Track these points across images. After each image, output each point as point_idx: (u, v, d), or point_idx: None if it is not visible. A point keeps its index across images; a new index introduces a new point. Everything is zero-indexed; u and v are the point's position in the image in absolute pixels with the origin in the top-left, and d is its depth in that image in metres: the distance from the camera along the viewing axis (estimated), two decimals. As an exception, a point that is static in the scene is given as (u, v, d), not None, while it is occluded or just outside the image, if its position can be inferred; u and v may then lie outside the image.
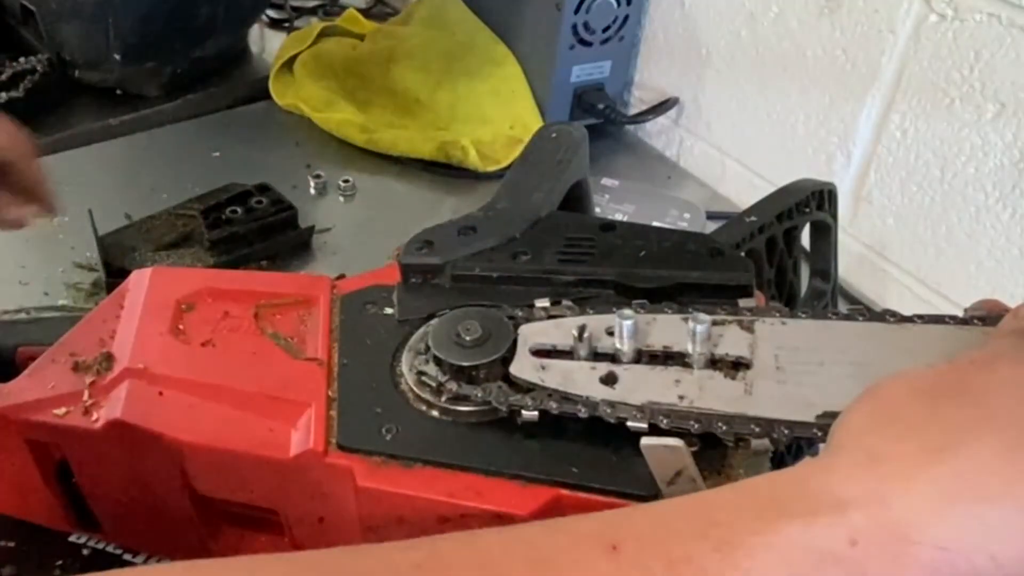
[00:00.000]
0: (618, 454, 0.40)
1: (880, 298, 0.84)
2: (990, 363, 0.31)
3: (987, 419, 0.29)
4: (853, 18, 0.79)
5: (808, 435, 0.37)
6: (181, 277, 0.52)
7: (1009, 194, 0.71)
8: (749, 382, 0.39)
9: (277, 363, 0.46)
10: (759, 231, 0.56)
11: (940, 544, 0.27)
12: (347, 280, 0.52)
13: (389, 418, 0.43)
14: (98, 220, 0.77)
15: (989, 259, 0.74)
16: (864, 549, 0.27)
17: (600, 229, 0.51)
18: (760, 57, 0.89)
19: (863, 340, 0.40)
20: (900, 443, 0.29)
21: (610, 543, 0.29)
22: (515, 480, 0.40)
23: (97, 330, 0.49)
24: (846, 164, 0.83)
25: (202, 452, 0.44)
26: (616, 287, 0.48)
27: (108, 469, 0.47)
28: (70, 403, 0.46)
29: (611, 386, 0.41)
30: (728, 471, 0.39)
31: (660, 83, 1.03)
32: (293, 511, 0.45)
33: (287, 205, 0.83)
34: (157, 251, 0.79)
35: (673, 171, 1.01)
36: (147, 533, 0.50)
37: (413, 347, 0.46)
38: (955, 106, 0.72)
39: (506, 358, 0.43)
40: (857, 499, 0.28)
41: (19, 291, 0.76)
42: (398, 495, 0.40)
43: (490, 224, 0.52)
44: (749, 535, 0.28)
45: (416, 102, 1.01)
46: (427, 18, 1.08)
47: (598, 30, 0.95)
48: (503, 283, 0.49)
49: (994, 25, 0.68)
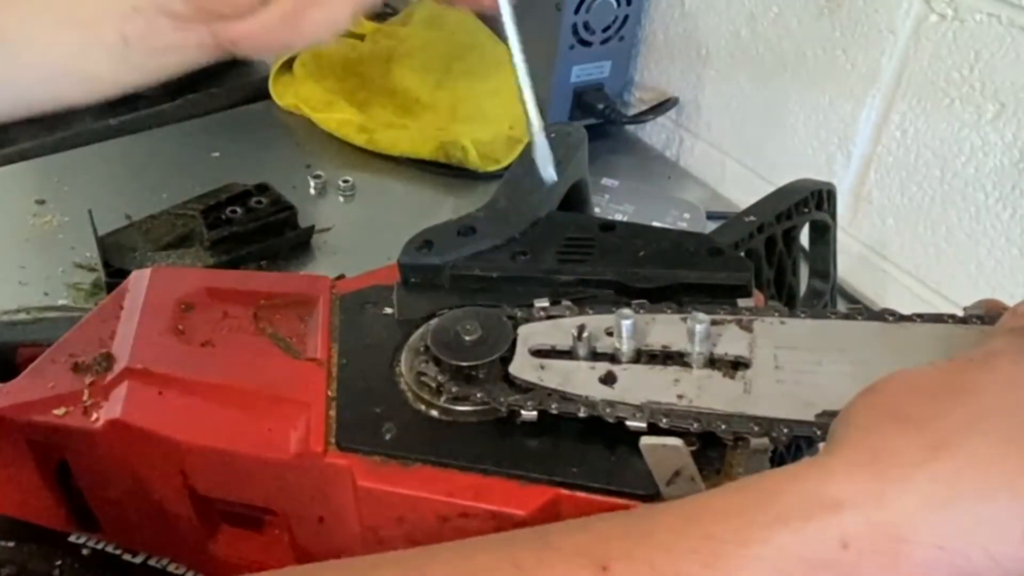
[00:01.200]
0: (617, 454, 0.40)
1: (880, 298, 0.84)
2: (989, 361, 0.31)
3: (986, 416, 0.29)
4: (853, 18, 0.79)
5: (807, 434, 0.37)
6: (181, 277, 0.52)
7: (1009, 194, 0.71)
8: (748, 381, 0.39)
9: (277, 363, 0.46)
10: (758, 231, 0.56)
11: (937, 543, 0.27)
12: (347, 280, 0.52)
13: (388, 418, 0.43)
14: (98, 220, 0.77)
15: (989, 259, 0.74)
16: (856, 551, 0.27)
17: (600, 229, 0.51)
18: (760, 57, 0.89)
19: (862, 339, 0.40)
20: (899, 441, 0.29)
21: (600, 563, 0.29)
22: (514, 480, 0.40)
23: (97, 330, 0.49)
24: (846, 164, 0.83)
25: (202, 452, 0.44)
26: (615, 287, 0.48)
27: (108, 469, 0.47)
28: (70, 403, 0.46)
29: (610, 386, 0.41)
30: (727, 470, 0.39)
31: (660, 83, 1.03)
32: (293, 511, 0.45)
33: (287, 205, 0.83)
34: (157, 251, 0.79)
35: (673, 171, 1.01)
36: (147, 533, 0.50)
37: (412, 347, 0.46)
38: (955, 106, 0.72)
39: (505, 358, 0.43)
40: (852, 498, 0.28)
41: (19, 291, 0.76)
42: (397, 495, 0.40)
43: (490, 224, 0.52)
44: (739, 546, 0.28)
45: (416, 102, 1.01)
46: (427, 18, 1.08)
47: (598, 30, 0.95)
48: (503, 283, 0.49)
49: (994, 25, 0.68)
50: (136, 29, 0.42)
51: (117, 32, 0.42)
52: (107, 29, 0.42)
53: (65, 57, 0.43)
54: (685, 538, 0.29)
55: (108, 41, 0.42)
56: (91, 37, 0.42)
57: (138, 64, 0.44)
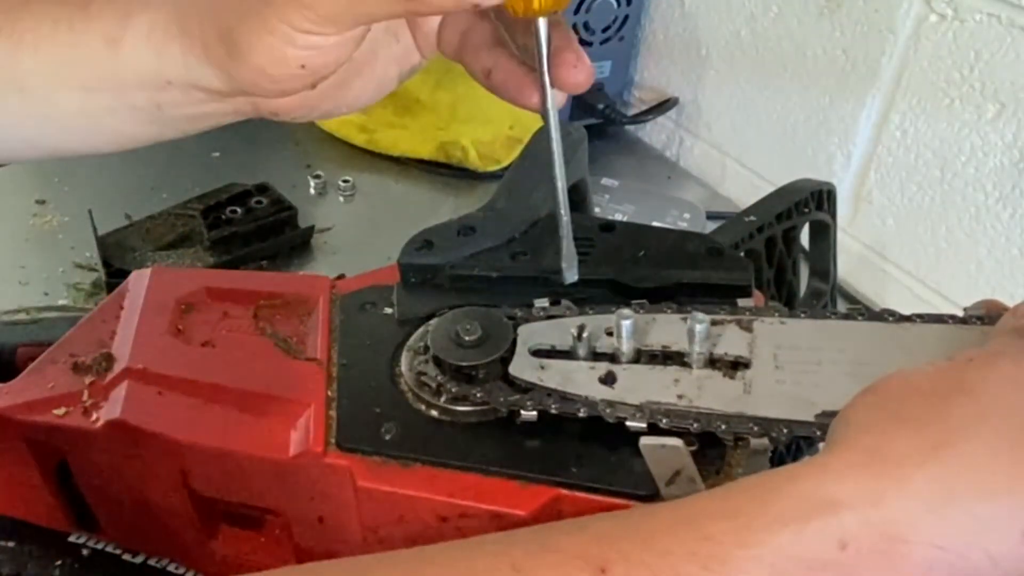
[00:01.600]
0: (617, 454, 0.40)
1: (880, 298, 0.84)
2: (989, 361, 0.31)
3: (986, 416, 0.29)
4: (853, 18, 0.79)
5: (807, 434, 0.37)
6: (181, 277, 0.52)
7: (1009, 194, 0.71)
8: (748, 381, 0.39)
9: (277, 363, 0.46)
10: (758, 231, 0.56)
11: (936, 543, 0.27)
12: (347, 280, 0.52)
13: (388, 418, 0.43)
14: (98, 220, 0.77)
15: (989, 259, 0.74)
16: (855, 551, 0.27)
17: (600, 229, 0.51)
18: (760, 57, 0.89)
19: (862, 339, 0.40)
20: (898, 441, 0.29)
21: (599, 565, 0.29)
22: (514, 480, 0.40)
23: (97, 330, 0.49)
24: (846, 164, 0.83)
25: (202, 452, 0.44)
26: (615, 287, 0.48)
27: (108, 469, 0.47)
28: (70, 403, 0.46)
29: (610, 386, 0.41)
30: (727, 470, 0.39)
31: (660, 83, 1.03)
32: (292, 511, 0.45)
33: (287, 205, 0.83)
34: (157, 251, 0.79)
35: (673, 171, 1.01)
36: (147, 533, 0.50)
37: (412, 347, 0.46)
38: (955, 106, 0.72)
39: (505, 358, 0.43)
40: (851, 498, 0.28)
41: (19, 291, 0.76)
42: (397, 495, 0.40)
43: (490, 224, 0.52)
44: (737, 548, 0.28)
45: (416, 102, 1.01)
46: (427, 18, 1.08)
47: (598, 30, 0.95)
48: (503, 283, 0.49)
49: (994, 25, 0.68)
50: (170, 98, 0.40)
51: (150, 100, 0.40)
52: (139, 97, 0.40)
53: (93, 117, 0.41)
54: (683, 540, 0.29)
55: (140, 106, 0.40)
56: (122, 102, 0.40)
57: (170, 126, 0.42)
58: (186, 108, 0.41)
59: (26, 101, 0.40)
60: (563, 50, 0.39)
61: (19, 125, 0.42)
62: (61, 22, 0.39)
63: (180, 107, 0.40)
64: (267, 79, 0.37)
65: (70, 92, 0.40)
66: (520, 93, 0.40)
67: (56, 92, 0.40)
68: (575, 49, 0.39)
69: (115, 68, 0.39)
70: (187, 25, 0.37)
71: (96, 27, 0.39)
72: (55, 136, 0.42)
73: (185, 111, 0.41)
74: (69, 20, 0.39)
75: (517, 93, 0.40)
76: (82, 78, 0.40)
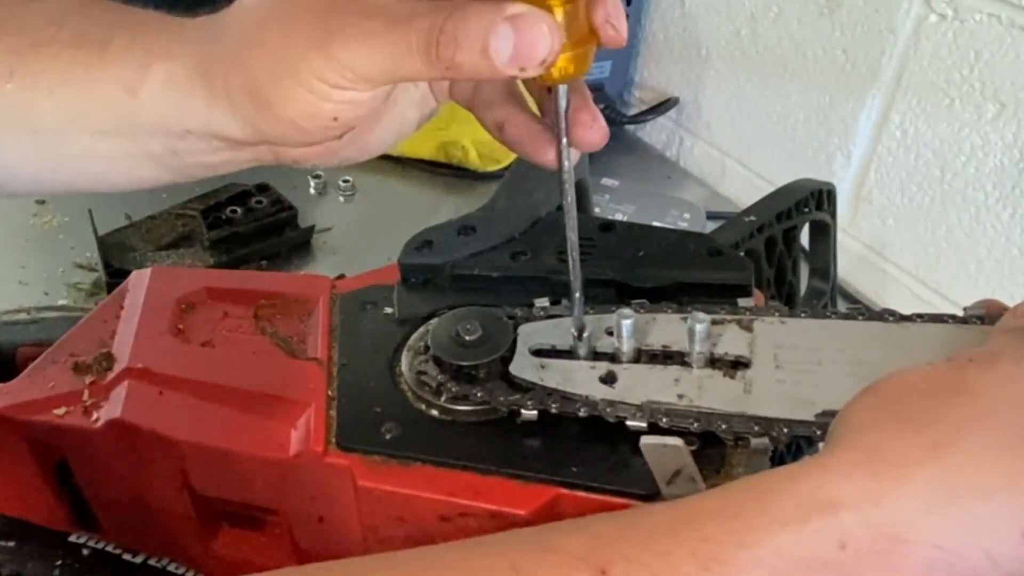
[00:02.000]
0: (617, 453, 0.40)
1: (880, 298, 0.84)
2: (989, 361, 0.31)
3: (986, 416, 0.29)
4: (853, 18, 0.79)
5: (807, 434, 0.37)
6: (181, 277, 0.52)
7: (1009, 194, 0.71)
8: (748, 381, 0.39)
9: (277, 363, 0.46)
10: (758, 231, 0.56)
11: (935, 543, 0.27)
12: (347, 280, 0.52)
13: (389, 417, 0.43)
14: (98, 220, 0.77)
15: (989, 259, 0.74)
16: (854, 551, 0.27)
17: (600, 229, 0.51)
18: (760, 57, 0.89)
19: (862, 339, 0.40)
20: (898, 440, 0.29)
21: (598, 566, 0.29)
22: (514, 479, 0.40)
23: (97, 330, 0.49)
24: (846, 164, 0.83)
25: (202, 452, 0.44)
26: (616, 287, 0.48)
27: (108, 469, 0.47)
28: (70, 403, 0.46)
29: (610, 385, 0.41)
30: (727, 470, 0.39)
31: (660, 83, 1.03)
32: (293, 511, 0.45)
33: (287, 205, 0.83)
34: (157, 251, 0.79)
35: (673, 171, 1.01)
36: (147, 533, 0.50)
37: (413, 347, 0.46)
38: (955, 106, 0.72)
39: (506, 358, 0.43)
40: (850, 498, 0.28)
41: (19, 291, 0.76)
42: (398, 494, 0.40)
43: (490, 224, 0.52)
44: (737, 548, 0.28)
45: (416, 102, 1.01)
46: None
47: (598, 30, 0.95)
48: (503, 283, 0.49)
49: (994, 25, 0.68)
50: (188, 146, 0.39)
51: (167, 147, 0.40)
52: (155, 143, 0.39)
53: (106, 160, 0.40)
54: (683, 540, 0.29)
55: (156, 152, 0.40)
56: (137, 148, 0.40)
57: (186, 171, 0.42)
58: (204, 156, 0.40)
59: (39, 142, 0.40)
60: (579, 111, 0.39)
61: (31, 165, 0.41)
62: (77, 66, 0.38)
63: (197, 155, 0.40)
64: (297, 131, 0.37)
65: (84, 135, 0.40)
66: (535, 150, 0.41)
67: (70, 135, 0.40)
68: (591, 109, 0.40)
69: (132, 114, 0.38)
70: (210, 77, 0.37)
71: (113, 73, 0.38)
72: (67, 176, 0.42)
73: (202, 159, 0.41)
74: (85, 64, 0.38)
75: (532, 150, 0.41)
76: (97, 122, 0.39)
